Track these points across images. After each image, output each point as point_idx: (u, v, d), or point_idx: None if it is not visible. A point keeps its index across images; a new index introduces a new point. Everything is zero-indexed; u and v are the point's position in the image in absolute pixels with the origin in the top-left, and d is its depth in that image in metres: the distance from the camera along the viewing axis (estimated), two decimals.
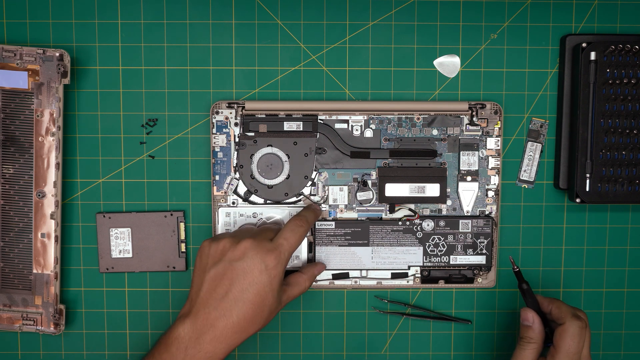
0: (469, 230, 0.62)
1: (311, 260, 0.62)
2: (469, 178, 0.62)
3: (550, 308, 0.55)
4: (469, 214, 0.62)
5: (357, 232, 0.62)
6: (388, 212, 0.62)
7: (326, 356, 0.64)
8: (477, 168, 0.62)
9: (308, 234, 0.62)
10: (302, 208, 0.61)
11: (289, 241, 0.54)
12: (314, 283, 0.62)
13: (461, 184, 0.62)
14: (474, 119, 0.61)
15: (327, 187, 0.62)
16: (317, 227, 0.61)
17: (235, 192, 0.61)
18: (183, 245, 0.62)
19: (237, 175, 0.61)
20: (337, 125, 0.61)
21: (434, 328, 0.64)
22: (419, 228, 0.62)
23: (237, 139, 0.61)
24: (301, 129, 0.61)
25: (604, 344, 0.64)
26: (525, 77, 0.62)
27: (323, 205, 0.62)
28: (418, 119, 0.61)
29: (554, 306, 0.55)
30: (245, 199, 0.62)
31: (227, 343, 0.51)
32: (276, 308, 0.54)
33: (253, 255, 0.52)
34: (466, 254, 0.62)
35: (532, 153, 0.63)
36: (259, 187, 0.61)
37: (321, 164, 0.61)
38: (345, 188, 0.62)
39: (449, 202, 0.62)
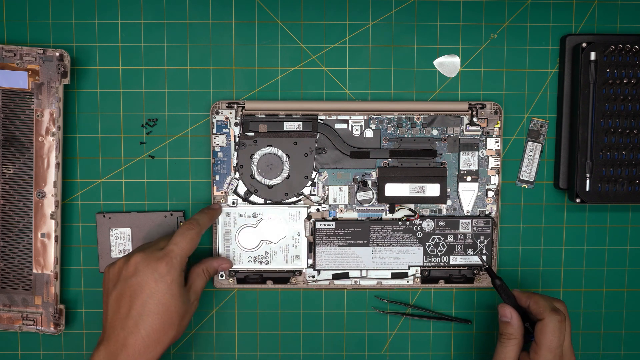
0: (469, 230, 0.62)
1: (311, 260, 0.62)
2: (469, 178, 0.62)
3: (528, 303, 0.55)
4: (469, 214, 0.62)
5: (357, 232, 0.62)
6: (388, 212, 0.62)
7: (326, 356, 0.64)
8: (477, 168, 0.62)
9: (308, 235, 0.62)
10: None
11: (179, 246, 0.54)
12: (314, 283, 0.62)
13: (461, 184, 0.62)
14: (474, 119, 0.61)
15: (327, 187, 0.62)
16: (317, 227, 0.61)
17: (235, 192, 0.61)
18: None
19: (237, 175, 0.61)
20: (337, 125, 0.61)
21: (434, 328, 0.64)
22: (419, 228, 0.62)
23: (237, 139, 0.61)
24: (301, 129, 0.61)
25: (604, 344, 0.64)
26: (525, 77, 0.62)
27: (323, 205, 0.62)
28: (418, 119, 0.61)
29: (531, 301, 0.55)
30: (245, 199, 0.62)
31: (144, 359, 0.52)
32: (187, 311, 0.54)
33: (144, 267, 0.53)
34: (466, 254, 0.62)
35: (532, 153, 0.63)
36: (259, 187, 0.61)
37: (321, 164, 0.61)
38: (345, 188, 0.62)
39: (449, 202, 0.62)
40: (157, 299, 0.52)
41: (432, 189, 0.61)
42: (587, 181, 0.60)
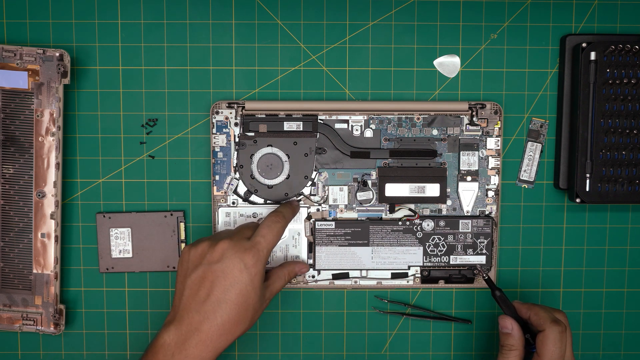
0: (469, 230, 0.62)
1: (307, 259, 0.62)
2: (469, 178, 0.62)
3: (528, 315, 0.55)
4: (469, 214, 0.62)
5: (357, 232, 0.62)
6: (388, 212, 0.62)
7: (326, 356, 0.64)
8: (477, 168, 0.62)
9: (308, 235, 0.62)
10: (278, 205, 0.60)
11: (266, 238, 0.54)
12: (314, 283, 0.62)
13: (461, 184, 0.62)
14: (474, 119, 0.61)
15: (327, 187, 0.62)
16: (317, 227, 0.61)
17: (235, 192, 0.61)
18: (183, 245, 0.62)
19: (237, 175, 0.61)
20: (337, 125, 0.61)
21: (434, 328, 0.64)
22: (419, 228, 0.62)
23: (237, 139, 0.61)
24: (301, 129, 0.61)
25: (604, 344, 0.64)
26: (525, 77, 0.62)
27: (323, 205, 0.62)
28: (418, 119, 0.61)
29: (532, 313, 0.55)
30: (245, 199, 0.62)
31: (213, 346, 0.51)
32: (260, 307, 0.54)
33: (231, 255, 0.52)
34: (466, 254, 0.62)
35: (532, 153, 0.63)
36: (259, 187, 0.61)
37: (321, 164, 0.61)
38: (345, 188, 0.62)
39: (449, 202, 0.62)
40: (238, 289, 0.51)
41: (432, 189, 0.61)
42: (587, 181, 0.60)
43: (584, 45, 0.59)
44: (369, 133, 0.61)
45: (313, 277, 0.62)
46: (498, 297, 0.56)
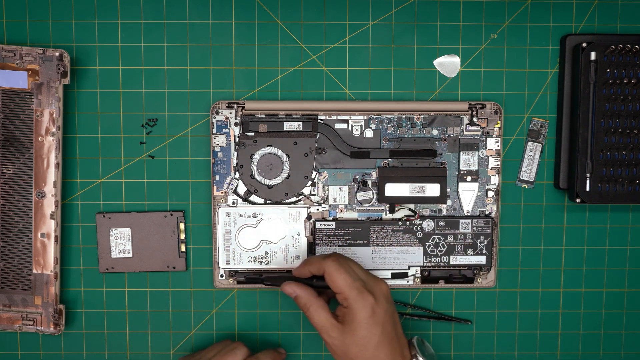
0: (469, 230, 0.62)
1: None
2: (469, 178, 0.62)
3: (307, 270, 0.56)
4: (469, 214, 0.62)
5: (357, 232, 0.62)
6: (388, 212, 0.62)
7: (326, 356, 0.64)
8: (477, 168, 0.62)
9: (308, 235, 0.62)
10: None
11: None
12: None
13: (461, 184, 0.62)
14: (474, 119, 0.61)
15: (327, 187, 0.62)
16: (317, 227, 0.61)
17: (235, 192, 0.61)
18: (183, 245, 0.62)
19: (237, 175, 0.61)
20: (337, 125, 0.61)
21: (434, 328, 0.64)
22: (419, 228, 0.62)
23: (237, 139, 0.61)
24: (301, 129, 0.61)
25: (604, 344, 0.64)
26: (525, 77, 0.62)
27: (323, 205, 0.62)
28: (418, 119, 0.61)
29: (308, 267, 0.56)
30: (245, 199, 0.62)
31: None
32: None
33: None
34: (466, 254, 0.62)
35: (532, 153, 0.63)
36: (259, 187, 0.61)
37: (321, 164, 0.61)
38: (345, 188, 0.62)
39: (449, 202, 0.62)
40: None
41: (432, 189, 0.61)
42: (587, 181, 0.60)
43: (584, 45, 0.59)
44: (369, 133, 0.61)
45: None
46: (268, 280, 0.60)
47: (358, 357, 0.53)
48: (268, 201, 0.62)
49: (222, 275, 0.62)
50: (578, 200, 0.60)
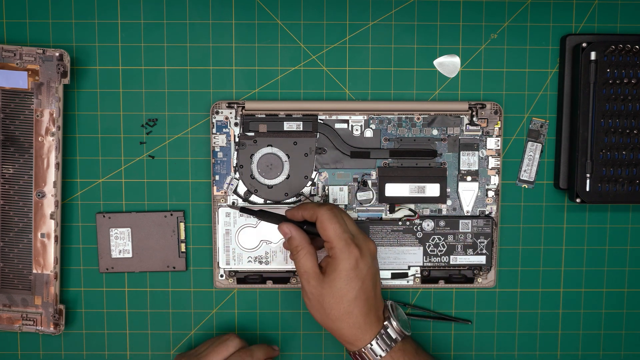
0: (469, 230, 0.62)
1: None
2: (469, 178, 0.62)
3: (300, 214, 0.56)
4: (469, 214, 0.62)
5: None
6: (388, 212, 0.62)
7: (326, 356, 0.64)
8: (477, 168, 0.62)
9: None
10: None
11: None
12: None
13: (461, 184, 0.62)
14: (474, 119, 0.61)
15: (327, 187, 0.62)
16: None
17: (235, 192, 0.61)
18: (183, 245, 0.62)
19: (237, 175, 0.61)
20: (337, 125, 0.61)
21: (434, 328, 0.64)
22: (419, 228, 0.62)
23: (237, 139, 0.61)
24: (301, 129, 0.61)
25: (604, 344, 0.64)
26: (525, 77, 0.62)
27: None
28: (418, 119, 0.61)
29: (302, 211, 0.56)
30: (245, 199, 0.62)
31: None
32: None
33: None
34: (466, 254, 0.62)
35: (532, 153, 0.63)
36: (259, 187, 0.61)
37: (321, 164, 0.61)
38: (345, 188, 0.62)
39: (449, 202, 0.62)
40: None
41: (432, 189, 0.61)
42: (587, 181, 0.60)
43: (584, 45, 0.59)
44: (369, 133, 0.61)
45: None
46: (262, 214, 0.58)
47: (332, 309, 0.53)
48: (268, 201, 0.62)
49: (222, 275, 0.62)
50: (578, 200, 0.60)
